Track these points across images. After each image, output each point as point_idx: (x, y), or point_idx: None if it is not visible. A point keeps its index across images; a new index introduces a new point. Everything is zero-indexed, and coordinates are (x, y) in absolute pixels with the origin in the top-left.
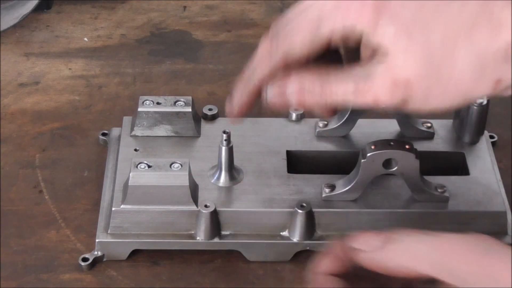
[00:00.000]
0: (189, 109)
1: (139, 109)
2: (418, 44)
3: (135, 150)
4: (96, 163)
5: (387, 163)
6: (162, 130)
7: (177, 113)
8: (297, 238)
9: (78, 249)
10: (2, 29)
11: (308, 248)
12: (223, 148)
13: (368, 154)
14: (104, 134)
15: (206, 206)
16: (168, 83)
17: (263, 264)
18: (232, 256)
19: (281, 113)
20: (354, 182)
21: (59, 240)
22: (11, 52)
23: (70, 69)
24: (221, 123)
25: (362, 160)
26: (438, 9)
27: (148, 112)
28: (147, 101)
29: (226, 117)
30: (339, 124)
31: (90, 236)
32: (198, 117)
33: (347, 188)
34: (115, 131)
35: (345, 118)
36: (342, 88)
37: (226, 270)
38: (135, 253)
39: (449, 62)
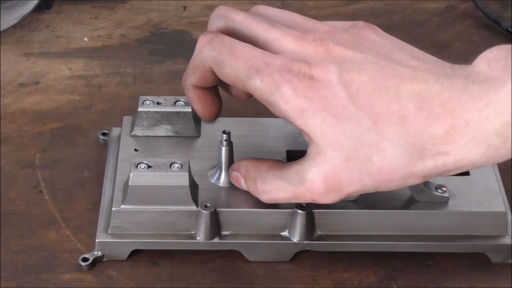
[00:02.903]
0: (189, 109)
1: (139, 109)
2: (346, 135)
3: (135, 150)
4: (96, 163)
5: None
6: (162, 130)
7: (177, 113)
8: (297, 238)
9: (78, 249)
10: (2, 29)
11: (308, 248)
12: (223, 148)
13: None
14: (104, 134)
15: (206, 206)
16: (168, 83)
17: (263, 264)
18: (232, 256)
19: None
20: None
21: (59, 240)
22: (11, 52)
23: (70, 69)
24: (221, 123)
25: None
26: (372, 98)
27: (148, 112)
28: (147, 101)
29: (226, 117)
30: None
31: (90, 236)
32: (198, 117)
33: None
34: (115, 131)
35: None
36: (281, 193)
37: (226, 270)
38: (135, 253)
39: (380, 157)
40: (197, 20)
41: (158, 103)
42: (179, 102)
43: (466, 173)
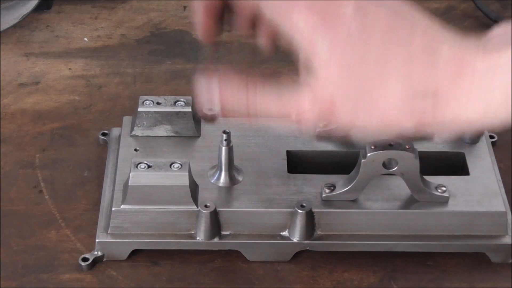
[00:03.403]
0: (189, 109)
1: (139, 109)
2: (349, 62)
3: (135, 150)
4: (96, 163)
5: (387, 163)
6: (162, 130)
7: (177, 113)
8: (297, 238)
9: (78, 249)
10: (2, 29)
11: (308, 248)
12: (223, 148)
13: (368, 154)
14: (104, 134)
15: (206, 206)
16: (168, 83)
17: (263, 264)
18: (232, 256)
19: None
20: (354, 182)
21: (59, 240)
22: (11, 52)
23: (70, 69)
24: (221, 123)
25: (362, 160)
26: (384, 36)
27: (148, 112)
28: (147, 101)
29: (226, 117)
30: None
31: (90, 236)
32: (198, 117)
33: (347, 188)
34: (115, 131)
35: None
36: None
37: (226, 270)
38: (135, 253)
39: (380, 90)
40: None
41: (158, 103)
42: (179, 102)
43: (466, 173)
